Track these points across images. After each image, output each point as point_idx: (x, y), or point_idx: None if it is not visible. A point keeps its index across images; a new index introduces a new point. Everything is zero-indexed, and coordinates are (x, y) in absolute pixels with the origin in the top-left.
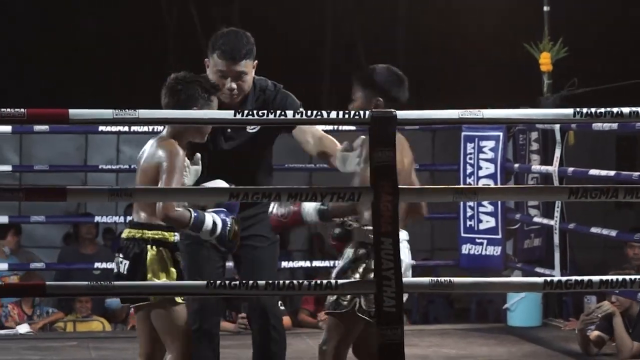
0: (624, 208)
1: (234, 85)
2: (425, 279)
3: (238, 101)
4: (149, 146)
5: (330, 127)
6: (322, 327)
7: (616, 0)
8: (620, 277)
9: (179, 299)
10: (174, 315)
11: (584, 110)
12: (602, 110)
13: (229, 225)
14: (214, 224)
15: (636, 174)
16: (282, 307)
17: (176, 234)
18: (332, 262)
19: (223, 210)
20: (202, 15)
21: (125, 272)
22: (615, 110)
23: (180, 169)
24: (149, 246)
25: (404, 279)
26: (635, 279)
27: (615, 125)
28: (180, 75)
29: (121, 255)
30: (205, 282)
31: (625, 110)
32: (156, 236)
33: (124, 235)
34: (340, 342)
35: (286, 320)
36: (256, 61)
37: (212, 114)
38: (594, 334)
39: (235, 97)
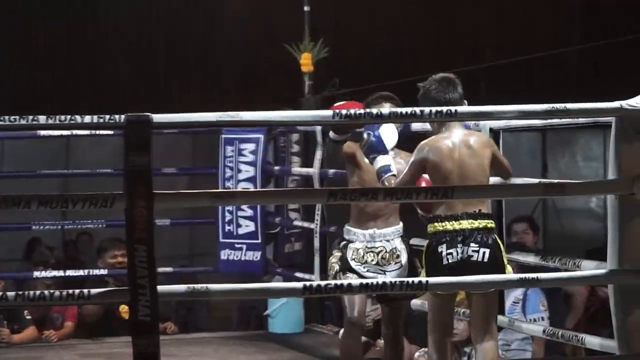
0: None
1: None
2: (182, 287)
3: None
4: (473, 134)
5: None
6: None
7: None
8: (380, 281)
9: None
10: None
11: (343, 112)
12: (362, 111)
13: None
14: None
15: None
16: None
17: None
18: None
19: None
20: None
21: (486, 260)
22: (375, 111)
23: None
24: (495, 236)
25: (160, 287)
26: (396, 282)
27: None
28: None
29: (474, 245)
30: None
31: (385, 111)
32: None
33: (470, 225)
34: None
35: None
36: None
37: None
38: None
39: None
